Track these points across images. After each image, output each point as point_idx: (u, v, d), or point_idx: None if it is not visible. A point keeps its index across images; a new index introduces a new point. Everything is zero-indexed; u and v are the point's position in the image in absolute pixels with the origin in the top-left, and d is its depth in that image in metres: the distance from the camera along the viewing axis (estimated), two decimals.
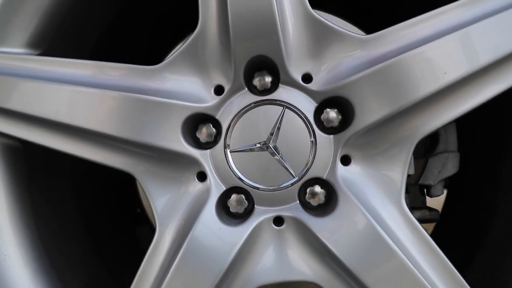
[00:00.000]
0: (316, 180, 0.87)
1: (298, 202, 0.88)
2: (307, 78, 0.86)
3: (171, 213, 0.89)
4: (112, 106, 0.86)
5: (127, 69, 0.89)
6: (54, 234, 1.05)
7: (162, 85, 0.89)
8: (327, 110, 0.86)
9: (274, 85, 0.88)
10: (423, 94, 0.81)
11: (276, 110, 0.86)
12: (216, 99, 0.87)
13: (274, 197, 0.87)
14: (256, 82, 0.87)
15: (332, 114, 0.86)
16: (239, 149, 0.87)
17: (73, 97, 0.87)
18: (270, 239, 0.88)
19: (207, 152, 0.88)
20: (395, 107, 0.82)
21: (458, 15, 0.83)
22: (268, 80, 0.87)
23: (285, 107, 0.86)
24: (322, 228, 0.85)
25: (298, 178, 0.87)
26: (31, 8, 0.92)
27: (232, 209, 0.89)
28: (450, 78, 0.81)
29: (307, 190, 0.87)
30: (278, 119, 0.86)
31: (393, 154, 0.86)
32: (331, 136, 0.86)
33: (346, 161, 0.87)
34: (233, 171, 0.87)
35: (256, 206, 0.88)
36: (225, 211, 0.89)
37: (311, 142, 0.86)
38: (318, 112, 0.86)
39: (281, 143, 0.86)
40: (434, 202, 1.39)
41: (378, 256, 0.83)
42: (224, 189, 0.88)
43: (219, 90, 0.88)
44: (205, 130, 0.88)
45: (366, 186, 0.87)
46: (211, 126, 0.88)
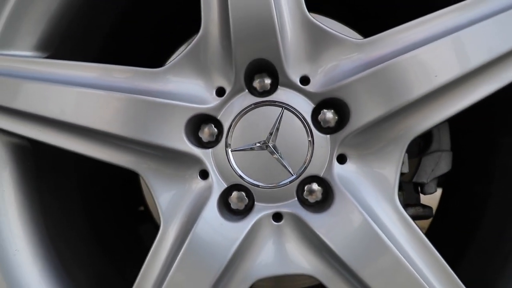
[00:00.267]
0: (313, 178, 0.88)
1: (296, 199, 0.89)
2: (305, 80, 0.87)
3: (175, 209, 0.90)
4: (118, 107, 0.87)
5: (132, 71, 0.90)
6: (61, 230, 1.05)
7: (165, 87, 0.90)
8: (324, 110, 0.87)
9: (274, 87, 0.89)
10: (416, 96, 0.83)
11: (275, 111, 0.88)
12: (217, 100, 0.88)
13: (273, 194, 0.88)
14: (256, 84, 0.88)
15: (329, 115, 0.87)
16: (240, 148, 0.88)
17: (81, 98, 0.88)
18: (269, 235, 0.89)
19: (209, 151, 0.89)
20: (389, 108, 0.83)
21: (448, 21, 0.85)
22: (267, 82, 0.88)
23: (283, 108, 0.87)
24: (319, 224, 0.86)
25: (296, 176, 0.88)
26: (39, 12, 0.94)
27: (233, 205, 0.89)
28: (442, 80, 0.82)
29: (305, 188, 0.88)
30: (277, 120, 0.87)
31: (387, 153, 0.87)
32: (328, 135, 0.87)
33: (342, 159, 0.88)
34: (234, 169, 0.88)
35: (256, 202, 0.89)
36: (226, 208, 0.90)
37: (309, 141, 0.87)
38: (315, 112, 0.87)
39: (280, 143, 0.87)
40: (432, 201, 1.41)
41: (372, 250, 0.84)
42: (225, 186, 0.89)
43: (221, 91, 0.89)
44: (207, 130, 0.89)
45: (361, 184, 0.88)
46: (213, 126, 0.89)
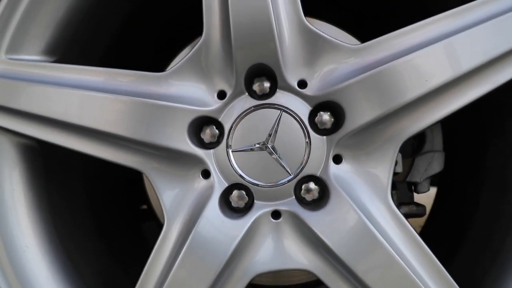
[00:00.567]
0: (310, 177, 0.89)
1: (294, 197, 0.90)
2: (302, 83, 0.88)
3: (178, 207, 0.91)
4: (124, 110, 0.88)
5: (136, 75, 0.91)
6: (68, 228, 1.06)
7: (168, 90, 0.91)
8: (321, 113, 0.88)
9: (272, 90, 0.89)
10: (408, 99, 0.84)
11: (274, 113, 0.89)
12: (219, 103, 0.89)
13: (272, 192, 0.90)
14: (255, 87, 0.89)
15: (325, 117, 0.88)
16: (240, 149, 0.89)
17: (87, 101, 0.89)
18: (268, 231, 0.90)
19: (211, 151, 0.90)
20: (382, 111, 0.84)
21: (441, 27, 0.86)
22: (266, 85, 0.89)
23: (282, 111, 0.88)
24: (316, 221, 0.87)
25: (294, 176, 0.89)
26: (47, 19, 0.95)
27: (233, 203, 0.91)
28: (434, 83, 0.83)
29: (302, 187, 0.89)
30: (276, 122, 0.88)
31: (380, 154, 0.88)
32: (324, 137, 0.88)
33: (337, 160, 0.89)
34: (234, 169, 0.90)
35: (255, 201, 0.90)
36: (227, 206, 0.91)
37: (306, 142, 0.88)
38: (312, 115, 0.89)
39: (278, 144, 0.88)
40: (430, 199, 1.43)
41: (366, 247, 0.85)
42: (226, 185, 0.90)
43: (222, 94, 0.90)
44: (209, 132, 0.90)
45: (355, 183, 0.89)
46: (215, 127, 0.90)
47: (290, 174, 0.89)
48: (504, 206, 1.02)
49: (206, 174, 0.91)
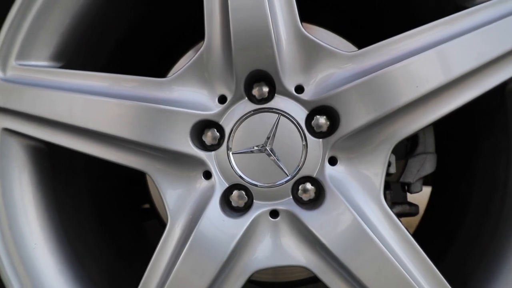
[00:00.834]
0: (307, 178, 0.91)
1: (291, 197, 0.92)
2: (300, 88, 0.90)
3: (181, 207, 0.92)
4: (130, 114, 0.90)
5: (140, 81, 0.93)
6: (74, 226, 1.08)
7: (171, 95, 0.92)
8: (317, 117, 0.90)
9: (271, 94, 0.91)
10: (401, 104, 0.85)
11: (272, 117, 0.91)
12: (220, 107, 0.91)
13: (270, 193, 0.91)
14: (255, 92, 0.91)
15: (321, 120, 0.90)
16: (240, 151, 0.91)
17: (94, 105, 0.91)
18: (266, 230, 0.92)
19: (212, 153, 0.92)
20: (375, 115, 0.86)
21: (433, 35, 0.88)
22: (265, 90, 0.91)
23: (280, 115, 0.90)
24: (312, 220, 0.89)
25: (291, 177, 0.91)
26: (55, 26, 0.97)
27: (234, 203, 0.92)
28: (425, 89, 0.85)
29: (299, 187, 0.91)
30: (274, 125, 0.90)
31: (373, 156, 0.90)
32: (320, 139, 0.90)
33: (333, 161, 0.91)
34: (234, 170, 0.92)
35: (254, 200, 0.92)
36: (227, 205, 0.93)
37: (303, 145, 0.90)
38: (309, 118, 0.90)
39: (276, 146, 0.90)
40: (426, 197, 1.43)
41: (360, 244, 0.87)
42: (226, 186, 0.92)
43: (223, 99, 0.92)
44: (210, 134, 0.92)
45: (350, 184, 0.90)
46: (216, 131, 0.92)
47: (288, 175, 0.91)
48: (492, 205, 1.03)
49: (208, 175, 0.93)
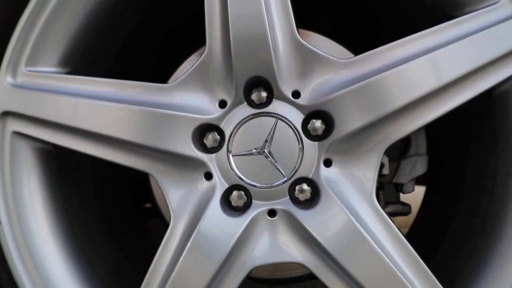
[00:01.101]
0: (303, 179, 0.93)
1: (288, 197, 0.94)
2: (296, 94, 0.93)
3: (183, 206, 0.95)
4: (134, 118, 0.93)
5: (144, 86, 0.96)
6: (81, 224, 1.10)
7: (174, 100, 0.95)
8: (313, 120, 0.92)
9: (269, 99, 0.93)
10: (392, 109, 0.88)
11: (270, 121, 0.93)
12: (220, 112, 0.94)
13: (268, 193, 0.94)
14: (254, 97, 0.94)
15: (317, 124, 0.92)
16: (240, 153, 0.94)
17: (100, 109, 0.94)
18: (265, 228, 0.94)
19: (213, 155, 0.94)
20: (369, 120, 0.89)
21: (425, 42, 0.90)
22: (264, 95, 0.93)
23: (277, 119, 0.93)
24: (308, 219, 0.91)
25: (288, 178, 0.93)
26: (62, 33, 0.99)
27: (233, 203, 0.95)
28: (416, 94, 0.87)
29: (296, 188, 0.94)
30: (272, 129, 0.93)
31: (366, 158, 0.92)
32: (316, 142, 0.93)
33: (328, 163, 0.94)
34: (234, 172, 0.94)
35: (253, 200, 0.94)
36: (227, 205, 0.96)
37: (299, 147, 0.93)
38: (305, 122, 0.93)
39: (274, 148, 0.93)
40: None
41: (353, 243, 0.90)
42: (227, 186, 0.95)
43: (223, 104, 0.94)
44: (211, 137, 0.94)
45: (344, 185, 0.93)
46: (216, 134, 0.94)
47: (285, 176, 0.94)
48: (479, 206, 1.06)
49: (209, 176, 0.96)
